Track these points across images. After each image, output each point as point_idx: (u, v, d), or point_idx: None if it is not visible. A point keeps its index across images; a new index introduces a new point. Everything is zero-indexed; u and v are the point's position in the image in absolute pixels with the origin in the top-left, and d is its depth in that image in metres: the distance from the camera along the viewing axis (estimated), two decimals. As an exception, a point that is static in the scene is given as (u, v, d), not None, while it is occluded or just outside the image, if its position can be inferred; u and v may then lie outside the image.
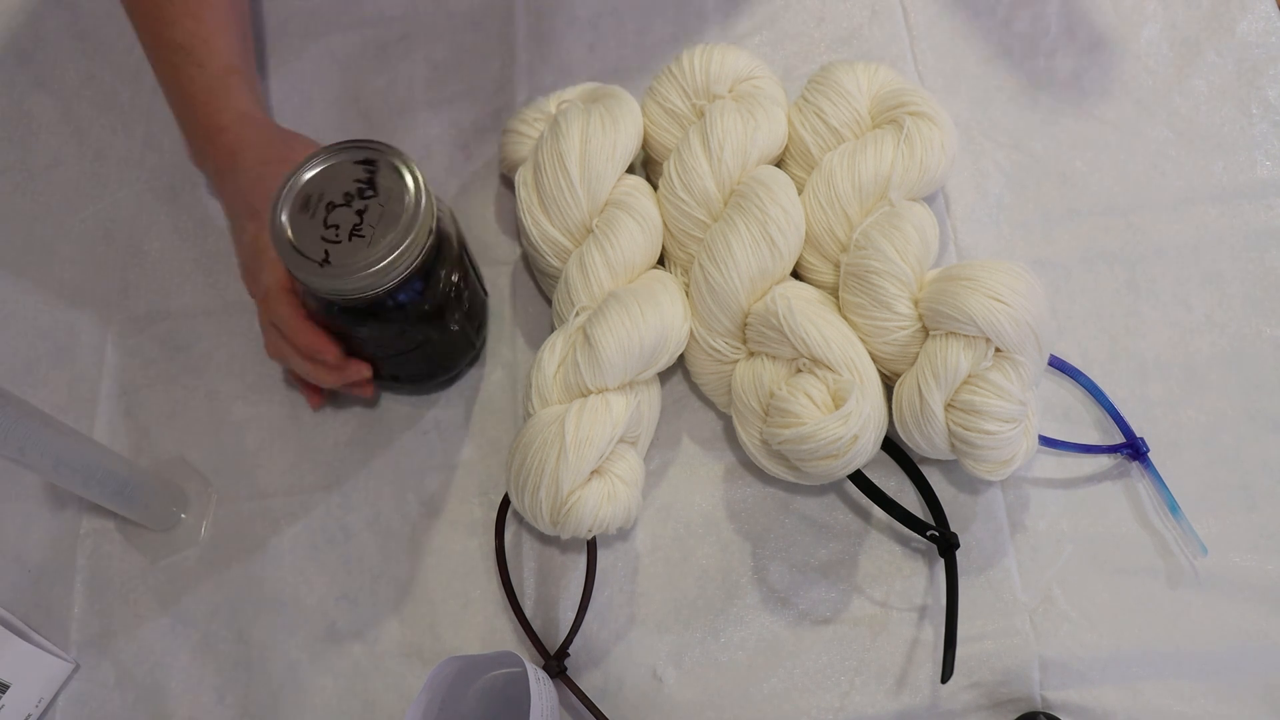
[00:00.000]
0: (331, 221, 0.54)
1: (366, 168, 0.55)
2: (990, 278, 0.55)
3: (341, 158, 0.55)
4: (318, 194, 0.54)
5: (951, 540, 0.57)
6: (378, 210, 0.54)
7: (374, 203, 0.54)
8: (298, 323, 0.57)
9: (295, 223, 0.54)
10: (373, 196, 0.54)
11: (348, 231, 0.53)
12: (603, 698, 0.58)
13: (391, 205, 0.54)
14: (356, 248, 0.53)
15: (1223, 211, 0.66)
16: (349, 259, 0.53)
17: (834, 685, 0.57)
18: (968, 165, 0.68)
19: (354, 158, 0.55)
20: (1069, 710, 0.56)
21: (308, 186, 0.55)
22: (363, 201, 0.54)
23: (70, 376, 0.67)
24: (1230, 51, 0.70)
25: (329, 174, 0.55)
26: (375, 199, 0.54)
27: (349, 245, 0.53)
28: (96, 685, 0.60)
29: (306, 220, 0.54)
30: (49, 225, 0.71)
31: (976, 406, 0.54)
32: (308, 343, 0.57)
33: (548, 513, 0.55)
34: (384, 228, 0.53)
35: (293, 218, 0.54)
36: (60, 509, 0.64)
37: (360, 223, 0.53)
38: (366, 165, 0.55)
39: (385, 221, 0.53)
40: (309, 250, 0.53)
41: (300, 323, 0.57)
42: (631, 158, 0.63)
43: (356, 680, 0.59)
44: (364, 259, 0.52)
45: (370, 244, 0.53)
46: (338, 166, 0.55)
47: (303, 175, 0.55)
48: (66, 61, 0.76)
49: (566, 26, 0.74)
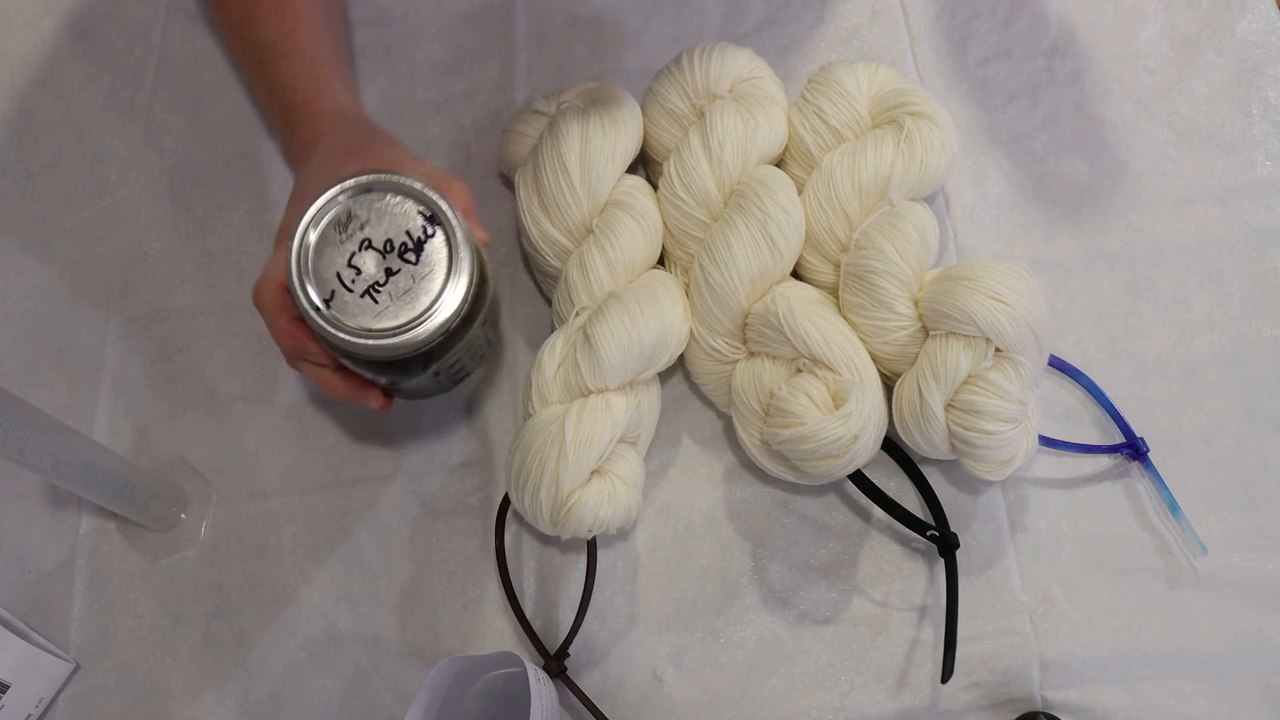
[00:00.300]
0: (357, 260, 0.47)
1: (426, 223, 0.47)
2: (990, 278, 0.55)
3: (409, 198, 0.48)
4: (362, 219, 0.47)
5: (951, 540, 0.57)
6: (407, 283, 0.46)
7: (408, 272, 0.46)
8: (281, 322, 0.51)
9: (324, 235, 0.47)
10: (412, 264, 0.47)
11: (366, 284, 0.46)
12: (603, 698, 0.58)
13: (423, 286, 0.46)
14: (363, 308, 0.46)
15: (1223, 211, 0.66)
16: (348, 314, 0.46)
17: (834, 685, 0.57)
18: (968, 165, 0.68)
19: (420, 206, 0.48)
20: (1069, 710, 0.56)
21: (358, 203, 0.47)
22: (400, 262, 0.46)
23: (70, 376, 0.67)
24: (1230, 51, 0.70)
25: (386, 205, 0.47)
26: (413, 268, 0.46)
27: (358, 301, 0.46)
28: (96, 685, 0.60)
29: (335, 239, 0.47)
30: (49, 225, 0.71)
31: (976, 406, 0.54)
32: (290, 342, 0.51)
33: (548, 513, 0.55)
34: (402, 307, 0.46)
35: (324, 228, 0.47)
36: (60, 509, 0.64)
37: (383, 283, 0.46)
38: (427, 220, 0.47)
39: (407, 300, 0.46)
40: (319, 275, 0.47)
41: (283, 322, 0.51)
42: (631, 158, 0.63)
43: (356, 680, 0.59)
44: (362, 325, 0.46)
45: (377, 316, 0.46)
46: (399, 204, 0.47)
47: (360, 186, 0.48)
48: (66, 61, 0.76)
49: (566, 26, 0.74)
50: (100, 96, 0.74)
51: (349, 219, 0.47)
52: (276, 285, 0.51)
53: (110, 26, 0.76)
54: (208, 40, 0.75)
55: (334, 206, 0.47)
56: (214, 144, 0.72)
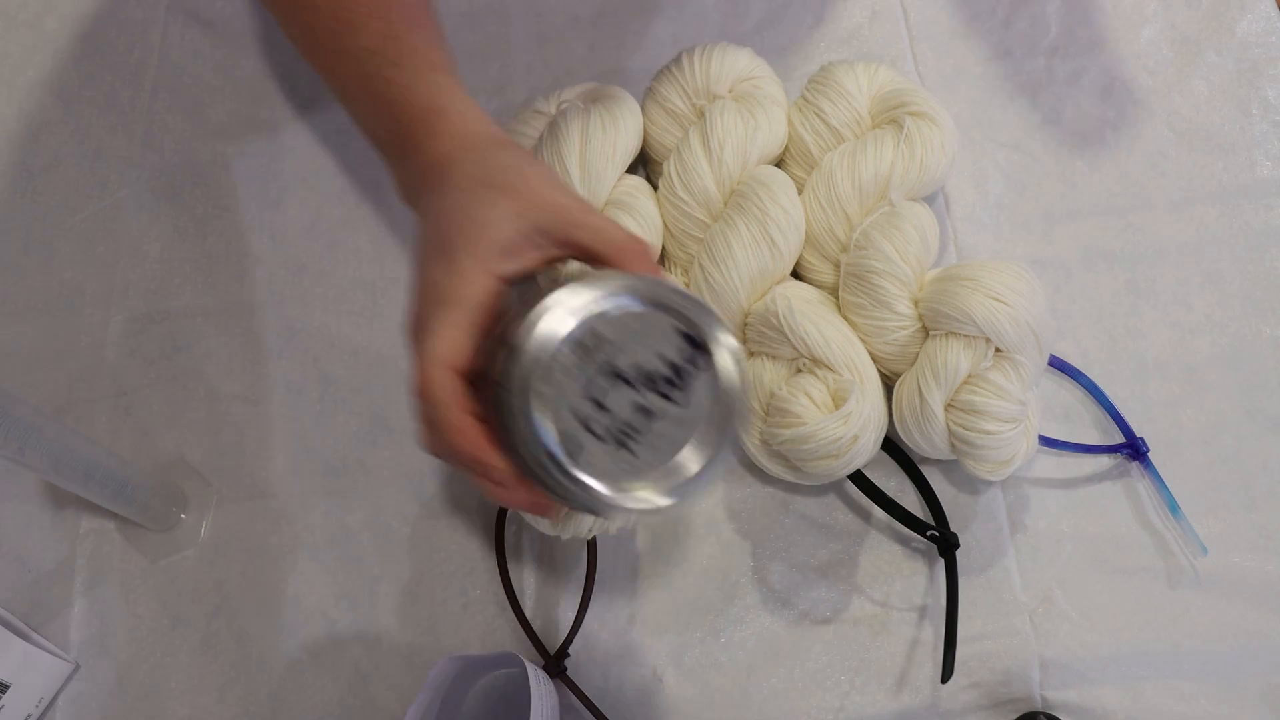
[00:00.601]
0: (604, 398, 0.36)
1: (686, 348, 0.37)
2: (990, 278, 0.55)
3: (661, 313, 0.37)
4: (612, 344, 0.36)
5: (951, 540, 0.57)
6: (671, 426, 0.36)
7: (673, 416, 0.36)
8: (456, 419, 0.40)
9: (563, 363, 0.36)
10: (674, 404, 0.36)
11: (615, 429, 0.36)
12: (603, 698, 0.58)
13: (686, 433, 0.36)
14: (615, 461, 0.36)
15: (1223, 211, 0.66)
16: (596, 469, 0.36)
17: (834, 685, 0.57)
18: (968, 165, 0.68)
19: (676, 322, 0.37)
20: (1069, 710, 0.56)
21: (605, 323, 0.36)
22: (661, 400, 0.36)
23: (70, 376, 0.67)
24: (1230, 51, 0.70)
25: (634, 323, 0.36)
26: (677, 408, 0.36)
27: (607, 450, 0.36)
28: (96, 685, 0.60)
29: (576, 367, 0.36)
30: (49, 225, 0.71)
31: (976, 406, 0.54)
32: (467, 450, 0.40)
33: (548, 513, 0.55)
34: (662, 459, 0.36)
35: (565, 357, 0.36)
36: (60, 509, 0.64)
37: (637, 433, 0.36)
38: (687, 343, 0.37)
39: (666, 450, 0.36)
40: (559, 414, 0.36)
41: (460, 420, 0.40)
42: (631, 158, 0.63)
43: (356, 680, 0.59)
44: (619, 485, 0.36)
45: (633, 472, 0.36)
46: (649, 319, 0.36)
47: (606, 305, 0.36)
48: (66, 61, 0.76)
49: (566, 26, 0.74)
50: (100, 96, 0.74)
51: (595, 341, 0.36)
52: (449, 371, 0.41)
53: (110, 26, 0.76)
54: (208, 40, 0.75)
55: (570, 318, 0.36)
56: (214, 144, 0.72)
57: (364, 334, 0.66)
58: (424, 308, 0.44)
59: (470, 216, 0.44)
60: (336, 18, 0.53)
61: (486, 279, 0.43)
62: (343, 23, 0.53)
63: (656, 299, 0.36)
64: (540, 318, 0.36)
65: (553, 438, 0.36)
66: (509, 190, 0.45)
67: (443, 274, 0.43)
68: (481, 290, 0.42)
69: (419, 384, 0.41)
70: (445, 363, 0.41)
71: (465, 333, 0.42)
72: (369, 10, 0.52)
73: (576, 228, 0.44)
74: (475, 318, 0.42)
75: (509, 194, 0.44)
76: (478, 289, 0.42)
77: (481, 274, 0.43)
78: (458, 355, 0.41)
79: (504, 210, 0.44)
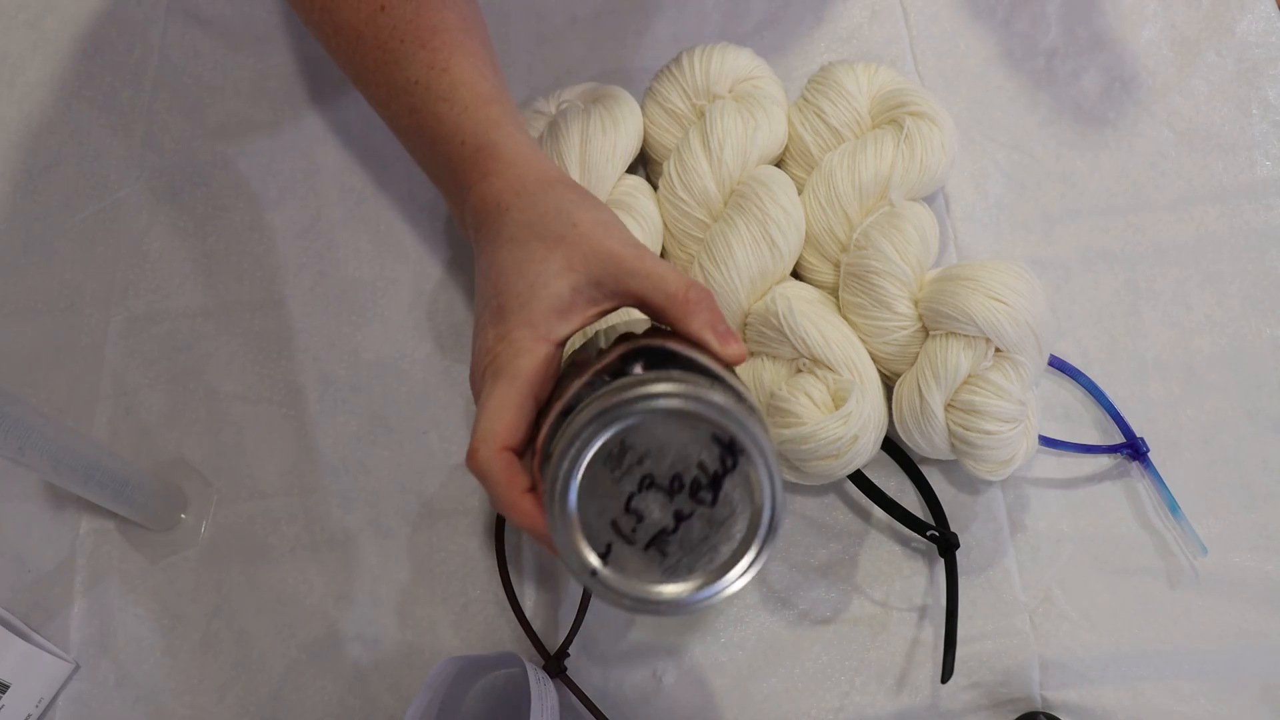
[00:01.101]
0: (636, 503, 0.37)
1: (723, 452, 0.36)
2: (990, 278, 0.55)
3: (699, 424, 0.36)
4: (640, 450, 0.36)
5: (951, 540, 0.57)
6: (703, 529, 0.37)
7: (703, 515, 0.37)
8: (507, 497, 0.41)
9: (590, 473, 0.36)
10: (708, 505, 0.37)
11: (650, 534, 0.37)
12: (603, 698, 0.58)
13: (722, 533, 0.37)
14: (648, 564, 0.37)
15: (1223, 211, 0.66)
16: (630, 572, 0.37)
17: (834, 685, 0.57)
18: (968, 165, 0.68)
19: (714, 430, 0.36)
20: (1069, 710, 0.56)
21: (637, 434, 0.36)
22: (692, 503, 0.37)
23: (70, 376, 0.67)
24: (1230, 51, 0.70)
25: (668, 430, 0.36)
26: (709, 510, 0.37)
27: (641, 555, 0.37)
28: (96, 685, 0.60)
29: (605, 476, 0.37)
30: (49, 225, 0.71)
31: (976, 406, 0.54)
32: (525, 524, 0.41)
33: (548, 513, 0.55)
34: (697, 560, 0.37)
35: (594, 467, 0.36)
36: (60, 509, 0.64)
37: (672, 530, 0.37)
38: (724, 449, 0.36)
39: (703, 551, 0.37)
40: (589, 525, 0.37)
41: (511, 497, 0.41)
42: (631, 158, 0.63)
43: (356, 680, 0.59)
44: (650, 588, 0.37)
45: (667, 574, 0.37)
46: (685, 427, 0.36)
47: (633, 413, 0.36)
48: (66, 61, 0.76)
49: (566, 26, 0.74)
50: (100, 96, 0.74)
51: (622, 449, 0.36)
52: (500, 449, 0.42)
53: (110, 26, 0.76)
54: (208, 40, 0.75)
55: (599, 434, 0.36)
56: (214, 144, 0.72)
57: (364, 334, 0.66)
58: (479, 371, 0.45)
59: (522, 274, 0.44)
60: (382, 48, 0.51)
61: (539, 346, 0.43)
62: (388, 54, 0.51)
63: (690, 407, 0.36)
64: (574, 427, 0.36)
65: (589, 552, 0.37)
66: (561, 241, 0.44)
67: (495, 339, 0.44)
68: (534, 359, 0.43)
69: (472, 464, 0.42)
70: (498, 442, 0.42)
71: (517, 408, 0.42)
72: (414, 40, 0.51)
73: (632, 277, 0.44)
74: (528, 389, 0.43)
75: (561, 245, 0.44)
76: (531, 358, 0.43)
77: (534, 341, 0.43)
78: (509, 434, 0.42)
79: (556, 265, 0.43)
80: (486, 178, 0.48)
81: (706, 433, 0.36)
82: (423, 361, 0.65)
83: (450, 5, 0.52)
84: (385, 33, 0.51)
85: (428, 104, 0.50)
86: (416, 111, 0.51)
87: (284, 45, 0.75)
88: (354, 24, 0.52)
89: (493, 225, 0.46)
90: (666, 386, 0.36)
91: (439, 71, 0.50)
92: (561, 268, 0.44)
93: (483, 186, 0.48)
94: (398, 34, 0.51)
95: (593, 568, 0.37)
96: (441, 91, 0.50)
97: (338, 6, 0.53)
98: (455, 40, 0.51)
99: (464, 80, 0.50)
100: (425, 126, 0.51)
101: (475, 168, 0.49)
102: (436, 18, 0.51)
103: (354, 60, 0.54)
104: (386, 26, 0.51)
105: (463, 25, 0.52)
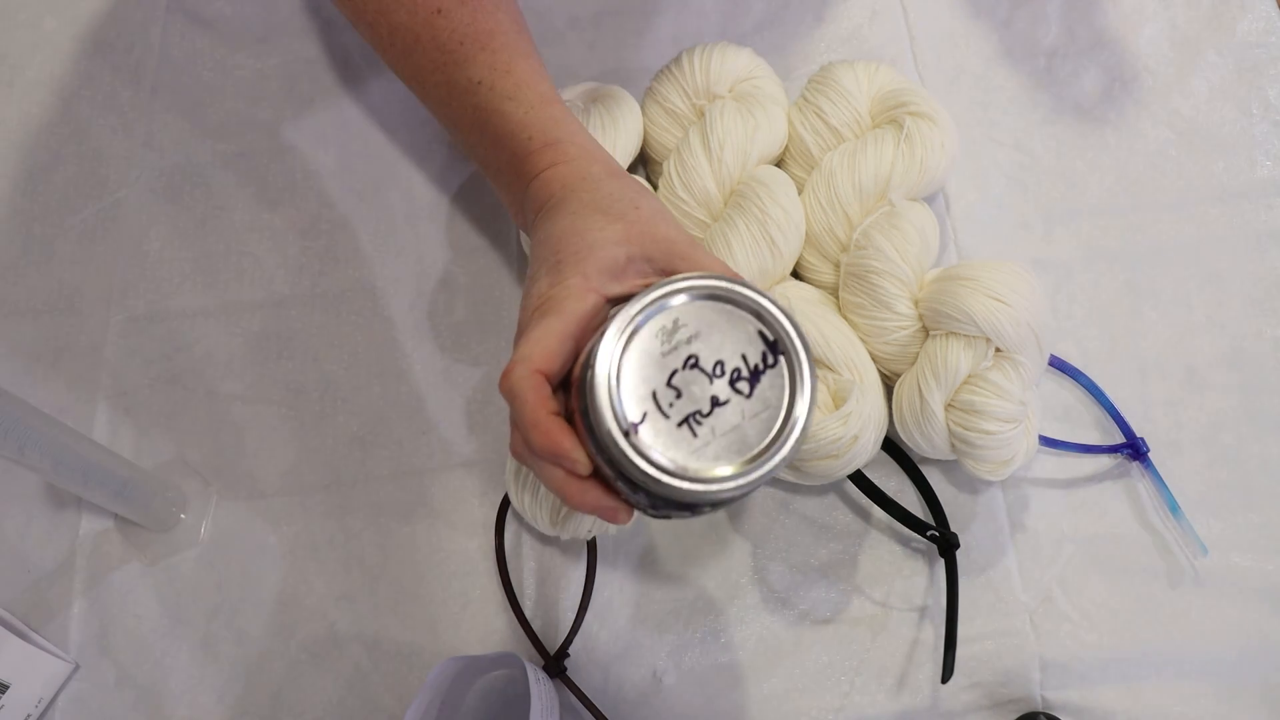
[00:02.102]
0: (679, 380, 0.38)
1: (768, 350, 0.39)
2: (990, 278, 0.55)
3: (745, 315, 0.39)
4: (691, 330, 0.39)
5: (951, 540, 0.57)
6: (735, 418, 0.38)
7: (738, 406, 0.38)
8: (534, 413, 0.41)
9: (644, 344, 0.38)
10: (745, 396, 0.38)
11: (686, 411, 0.38)
12: (603, 698, 0.58)
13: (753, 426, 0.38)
14: (678, 441, 0.38)
15: (1223, 211, 0.66)
16: (660, 444, 0.38)
17: (834, 685, 0.57)
18: (968, 165, 0.68)
19: (762, 326, 0.39)
20: (1069, 710, 0.56)
21: (688, 311, 0.39)
22: (731, 391, 0.38)
23: (70, 376, 0.67)
24: (1230, 51, 0.70)
25: (718, 317, 0.39)
26: (745, 401, 0.38)
27: (673, 430, 0.38)
28: (96, 685, 0.60)
29: (656, 349, 0.38)
30: (49, 225, 0.71)
31: (976, 406, 0.54)
32: (545, 442, 0.41)
33: (548, 514, 0.55)
34: (725, 448, 0.38)
35: (646, 338, 0.38)
36: (60, 509, 0.64)
37: (706, 414, 0.38)
38: (769, 347, 0.39)
39: (733, 440, 0.38)
40: (629, 390, 0.38)
41: (538, 414, 0.41)
42: (631, 157, 0.63)
43: (356, 680, 0.59)
44: (677, 461, 0.38)
45: (694, 454, 0.38)
46: (734, 317, 0.39)
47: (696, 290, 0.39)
48: (66, 61, 0.76)
49: (566, 26, 0.74)
50: (100, 96, 0.74)
51: (675, 327, 0.39)
52: (534, 371, 0.42)
53: (110, 26, 0.76)
54: (208, 40, 0.75)
55: (660, 309, 0.39)
56: (214, 144, 0.72)
57: (364, 334, 0.66)
58: (526, 315, 0.45)
59: (581, 237, 0.45)
60: (441, 50, 0.53)
61: (590, 294, 0.44)
62: (448, 55, 0.53)
63: (743, 300, 0.39)
64: (633, 301, 0.39)
65: (627, 412, 0.38)
66: (621, 218, 0.46)
67: (548, 286, 0.44)
68: (583, 304, 0.43)
69: (505, 383, 0.42)
70: (531, 363, 0.42)
71: (559, 339, 0.43)
72: (474, 42, 0.52)
73: (683, 260, 0.45)
74: (572, 328, 0.43)
75: (621, 221, 0.45)
76: (580, 302, 0.43)
77: (585, 289, 0.44)
78: (546, 358, 0.42)
79: (613, 235, 0.45)
80: (554, 166, 0.50)
81: (755, 329, 0.39)
82: (423, 361, 0.65)
83: (502, 8, 0.54)
84: (444, 35, 0.53)
85: (492, 103, 0.52)
86: (480, 109, 0.53)
87: (284, 45, 0.75)
88: (410, 26, 0.54)
89: (556, 204, 0.48)
90: (728, 280, 0.39)
91: (501, 73, 0.52)
92: (620, 238, 0.45)
93: (549, 174, 0.50)
94: (456, 36, 0.53)
95: (632, 424, 0.38)
96: (507, 91, 0.52)
97: (393, 9, 0.54)
98: (512, 43, 0.53)
99: (526, 81, 0.52)
100: (490, 124, 0.53)
101: (542, 160, 0.51)
102: (492, 21, 0.53)
103: (410, 61, 0.55)
104: (445, 29, 0.53)
105: (515, 28, 0.55)
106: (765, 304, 0.39)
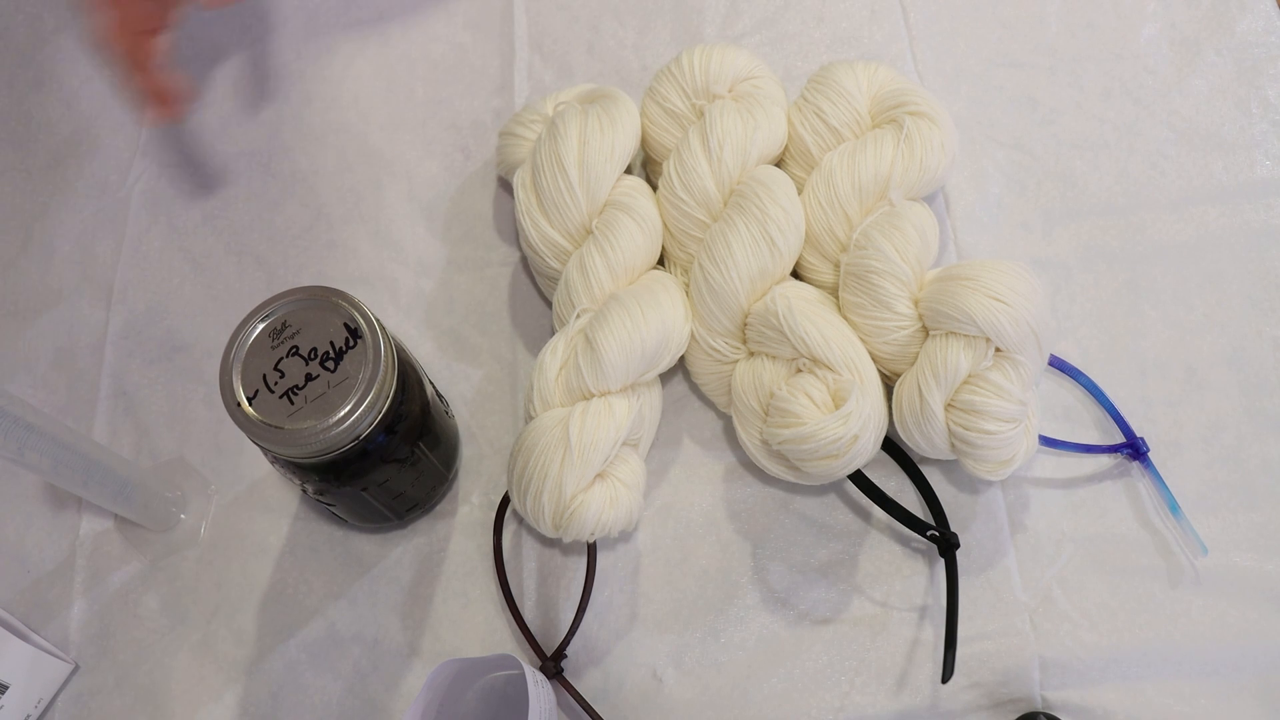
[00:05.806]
0: (282, 365, 0.50)
1: (349, 335, 0.51)
2: (990, 278, 0.55)
3: (336, 311, 0.51)
4: (295, 328, 0.51)
5: (951, 540, 0.57)
6: (322, 388, 0.50)
7: (325, 379, 0.50)
8: None
9: (258, 341, 0.51)
10: (330, 371, 0.50)
11: (284, 388, 0.50)
12: (603, 698, 0.58)
13: (337, 394, 0.49)
14: (279, 408, 0.49)
15: (1223, 211, 0.66)
16: (264, 411, 0.49)
17: (834, 685, 0.57)
18: (968, 165, 0.68)
19: (345, 319, 0.51)
20: (1069, 710, 0.56)
21: (295, 313, 0.51)
22: (319, 369, 0.50)
23: (70, 376, 0.67)
24: (1230, 51, 0.70)
25: (318, 316, 0.51)
26: (330, 374, 0.50)
27: (275, 401, 0.49)
28: (96, 685, 0.60)
29: (267, 344, 0.51)
30: (49, 225, 0.71)
31: (976, 406, 0.54)
32: None
33: (550, 516, 0.55)
34: (315, 411, 0.49)
35: (261, 337, 0.51)
36: (60, 509, 0.64)
37: (300, 387, 0.50)
38: (350, 333, 0.51)
39: (321, 405, 0.49)
40: (246, 376, 0.50)
41: None
42: (630, 158, 0.63)
43: (356, 680, 0.59)
44: (272, 421, 0.49)
45: (290, 416, 0.49)
46: (328, 315, 0.51)
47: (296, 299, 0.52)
48: (67, 61, 0.76)
49: (566, 26, 0.74)
50: (100, 96, 0.74)
51: (283, 327, 0.51)
52: None
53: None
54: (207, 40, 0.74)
55: (270, 316, 0.52)
56: (213, 144, 0.72)
57: (364, 334, 0.66)
58: None
59: None
60: None
61: None
62: None
63: (329, 302, 0.51)
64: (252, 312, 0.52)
65: (241, 390, 0.50)
66: None
67: None
68: None
69: None
70: None
71: None
72: None
73: None
74: None
75: None
76: None
77: None
78: None
79: None
80: None
81: (341, 320, 0.51)
82: (422, 361, 0.65)
83: None
84: None
85: None
86: None
87: (284, 45, 0.75)
88: None
89: None
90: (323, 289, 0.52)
91: None
92: None
93: None
94: None
95: (241, 399, 0.50)
96: None
97: None
98: None
99: None
100: None
101: None
102: None
103: None
104: None
105: None
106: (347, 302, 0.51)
